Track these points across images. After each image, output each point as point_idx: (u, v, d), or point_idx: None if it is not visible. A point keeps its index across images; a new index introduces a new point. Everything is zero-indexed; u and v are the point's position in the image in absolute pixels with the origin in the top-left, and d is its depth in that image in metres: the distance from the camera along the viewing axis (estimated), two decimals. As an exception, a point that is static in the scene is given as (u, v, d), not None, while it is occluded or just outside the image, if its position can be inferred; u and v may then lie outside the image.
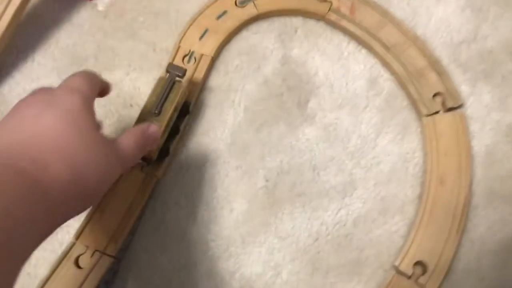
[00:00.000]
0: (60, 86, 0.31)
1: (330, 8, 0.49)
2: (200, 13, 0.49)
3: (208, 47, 0.48)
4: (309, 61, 0.49)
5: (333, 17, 0.49)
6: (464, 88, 0.47)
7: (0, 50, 0.46)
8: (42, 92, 0.31)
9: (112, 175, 0.31)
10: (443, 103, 0.46)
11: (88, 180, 0.29)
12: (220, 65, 0.48)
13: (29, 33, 0.49)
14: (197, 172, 0.45)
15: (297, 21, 0.50)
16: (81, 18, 0.50)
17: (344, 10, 0.49)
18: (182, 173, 0.45)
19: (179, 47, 0.47)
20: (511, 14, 0.50)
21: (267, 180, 0.45)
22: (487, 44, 0.49)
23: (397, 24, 0.48)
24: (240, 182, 0.45)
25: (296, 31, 0.50)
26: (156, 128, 0.37)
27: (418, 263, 0.41)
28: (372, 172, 0.45)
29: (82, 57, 0.48)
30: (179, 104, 0.42)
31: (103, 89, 0.36)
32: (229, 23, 0.49)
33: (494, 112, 0.47)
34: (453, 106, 0.46)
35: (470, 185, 0.44)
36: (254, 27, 0.50)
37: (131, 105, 0.47)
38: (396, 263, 0.41)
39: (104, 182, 0.30)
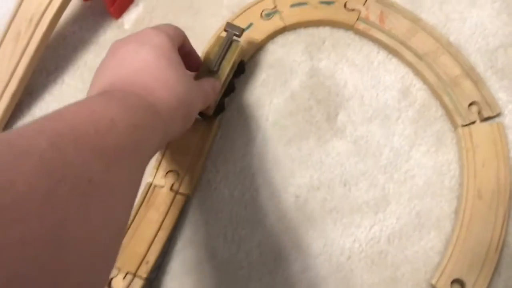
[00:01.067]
0: (146, 28, 0.36)
1: (358, 17, 0.49)
2: (226, 26, 0.49)
3: (233, 61, 0.48)
4: (337, 73, 0.48)
5: (361, 26, 0.48)
6: (501, 96, 0.46)
7: (30, 72, 0.48)
8: (133, 35, 0.36)
9: (198, 107, 0.37)
10: (480, 113, 0.45)
11: (186, 102, 0.34)
12: (247, 79, 0.49)
13: (57, 55, 0.51)
14: (226, 189, 0.45)
15: (324, 32, 0.50)
16: (108, 38, 0.51)
17: (373, 18, 0.48)
18: (211, 191, 0.45)
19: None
20: (551, 15, 0.48)
21: (297, 197, 0.45)
22: (526, 48, 0.47)
23: (429, 30, 0.47)
24: (270, 199, 0.45)
25: (323, 42, 0.49)
26: (219, 84, 0.42)
27: (455, 281, 0.41)
28: (406, 186, 0.44)
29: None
30: (235, 63, 0.44)
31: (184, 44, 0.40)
32: (255, 35, 0.49)
33: (534, 120, 0.45)
34: (490, 115, 0.45)
35: (510, 198, 0.42)
36: (280, 40, 0.50)
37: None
38: (433, 281, 0.41)
39: (198, 110, 0.37)
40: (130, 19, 0.52)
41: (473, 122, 0.45)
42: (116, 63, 0.34)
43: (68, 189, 0.21)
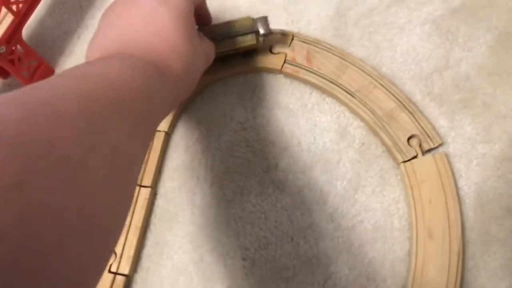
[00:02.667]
0: None
1: (285, 60, 0.47)
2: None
3: (161, 125, 0.47)
4: (272, 120, 0.47)
5: (289, 69, 0.47)
6: (442, 123, 0.45)
7: None
8: None
9: (206, 64, 0.40)
10: (420, 145, 0.44)
11: (193, 72, 0.36)
12: (179, 141, 0.47)
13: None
14: (169, 261, 0.44)
15: (254, 79, 0.48)
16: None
17: (300, 59, 0.47)
18: (152, 271, 0.44)
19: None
20: (483, 31, 0.47)
21: (244, 259, 0.43)
22: (461, 69, 0.46)
23: (359, 65, 0.46)
24: (216, 267, 0.43)
25: (254, 90, 0.48)
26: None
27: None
28: (355, 233, 0.43)
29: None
30: (241, 49, 0.45)
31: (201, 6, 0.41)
32: (182, 94, 0.47)
33: (479, 145, 0.44)
34: (431, 147, 0.43)
35: (462, 233, 0.41)
36: (209, 94, 0.48)
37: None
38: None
39: (203, 67, 0.39)
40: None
41: (415, 157, 0.43)
42: (127, 22, 0.33)
43: (98, 158, 0.22)
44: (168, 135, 0.47)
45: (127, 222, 0.44)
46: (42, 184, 0.19)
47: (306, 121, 0.47)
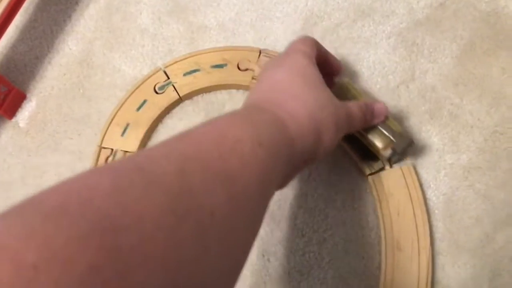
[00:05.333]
0: (284, 51, 0.39)
1: (252, 77, 0.49)
2: (119, 107, 0.49)
3: (131, 143, 0.48)
4: (241, 137, 0.48)
5: (257, 85, 0.48)
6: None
7: None
8: (273, 59, 0.40)
9: (341, 128, 0.36)
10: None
11: (322, 125, 0.34)
12: (150, 161, 0.48)
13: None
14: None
15: (222, 96, 0.50)
16: (3, 139, 0.51)
17: (268, 76, 0.48)
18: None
19: (100, 148, 0.47)
20: (448, 42, 0.48)
21: (216, 278, 0.44)
22: (428, 81, 0.47)
23: (326, 79, 0.47)
24: None
25: (224, 107, 0.49)
26: (383, 105, 0.41)
27: None
28: (326, 248, 0.44)
29: (8, 182, 0.49)
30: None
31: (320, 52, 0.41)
32: (150, 112, 0.49)
33: (447, 155, 0.45)
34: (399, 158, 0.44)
35: (431, 244, 0.42)
36: (178, 113, 0.50)
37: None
38: None
39: (335, 130, 0.35)
40: (24, 117, 0.52)
41: (382, 169, 0.44)
42: (259, 84, 0.37)
43: (190, 226, 0.21)
44: (138, 155, 0.48)
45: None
46: (121, 263, 0.18)
47: (275, 137, 0.48)
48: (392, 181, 0.44)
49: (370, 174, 0.44)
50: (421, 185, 0.44)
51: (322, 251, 0.44)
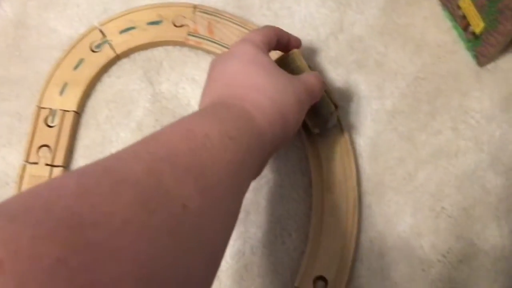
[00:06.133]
0: (235, 42, 0.39)
1: (188, 32, 0.50)
2: (56, 67, 0.50)
3: (70, 102, 0.49)
4: (180, 93, 0.50)
5: (193, 41, 0.50)
6: (339, 84, 0.49)
7: None
8: (220, 55, 0.38)
9: (303, 105, 0.37)
10: (318, 106, 0.47)
11: (284, 106, 0.34)
12: (90, 120, 0.49)
13: None
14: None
15: (159, 53, 0.51)
16: None
17: (202, 31, 0.50)
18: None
19: (39, 109, 0.48)
20: (374, -7, 0.50)
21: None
22: (355, 32, 0.50)
23: (259, 33, 0.49)
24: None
25: (161, 65, 0.51)
26: (320, 76, 0.41)
27: (318, 278, 0.43)
28: (261, 193, 0.47)
29: None
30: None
31: (287, 42, 0.43)
32: (88, 71, 0.50)
33: (373, 101, 0.48)
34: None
35: (358, 185, 0.45)
36: (116, 71, 0.51)
37: (7, 183, 0.48)
38: (296, 284, 0.43)
39: (298, 109, 0.36)
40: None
41: (313, 117, 0.47)
42: (209, 82, 0.37)
43: (162, 220, 0.22)
44: (78, 114, 0.49)
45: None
46: (89, 257, 0.18)
47: (212, 91, 0.49)
48: (322, 128, 0.47)
49: (302, 123, 0.47)
50: (348, 131, 0.47)
51: (258, 197, 0.47)
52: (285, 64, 0.43)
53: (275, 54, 0.44)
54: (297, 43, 0.44)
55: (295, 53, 0.43)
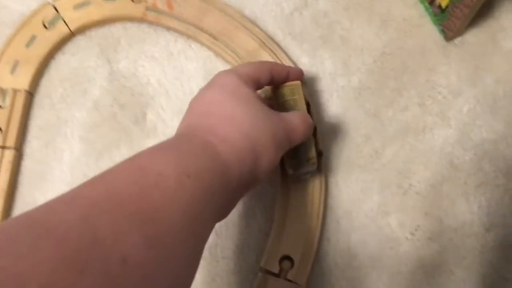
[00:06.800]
0: (219, 72, 0.36)
1: (146, 8, 0.48)
2: (7, 44, 0.47)
3: (22, 81, 0.46)
4: (138, 71, 0.48)
5: (151, 16, 0.48)
6: (304, 61, 0.47)
7: None
8: (203, 87, 0.35)
9: (280, 146, 0.34)
10: (283, 83, 0.46)
11: (259, 145, 0.31)
12: (44, 99, 0.47)
13: None
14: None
15: (117, 30, 0.49)
16: None
17: (162, 6, 0.48)
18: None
19: (-11, 88, 0.46)
20: (339, -33, 0.49)
21: (118, 211, 0.44)
22: (320, 7, 0.48)
23: (221, 8, 0.47)
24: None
25: (119, 42, 0.48)
26: (309, 117, 0.38)
27: (284, 258, 0.42)
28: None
29: None
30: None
31: (286, 76, 0.40)
32: (41, 49, 0.47)
33: (339, 78, 0.47)
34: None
35: (324, 163, 0.44)
36: (71, 48, 0.48)
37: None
38: (262, 264, 0.42)
39: (274, 150, 0.33)
40: None
41: (278, 94, 0.45)
42: (187, 110, 0.34)
43: (92, 280, 0.19)
44: (31, 94, 0.47)
45: None
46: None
47: (173, 68, 0.48)
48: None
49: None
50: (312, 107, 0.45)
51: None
52: (279, 94, 0.41)
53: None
54: (297, 75, 0.41)
55: (295, 85, 0.41)
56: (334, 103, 0.46)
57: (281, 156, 0.35)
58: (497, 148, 0.44)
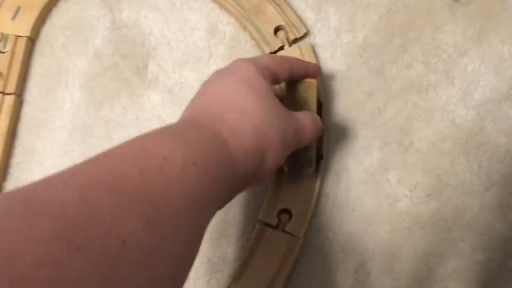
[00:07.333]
0: (237, 59, 0.35)
1: (151, -42, 0.47)
2: (9, -9, 0.46)
3: (23, 27, 0.46)
4: (141, 22, 0.47)
5: (156, -34, 0.47)
6: (309, 15, 0.47)
7: None
8: (218, 70, 0.35)
9: (288, 146, 0.33)
10: (287, 36, 0.45)
11: (267, 141, 0.31)
12: (45, 47, 0.47)
13: None
14: (39, 169, 0.44)
15: (120, -21, 0.48)
16: None
17: (166, -44, 0.47)
18: (23, 178, 0.44)
19: (-10, 34, 0.45)
20: None
21: (117, 160, 0.44)
22: (327, -39, 0.47)
23: (226, -41, 0.47)
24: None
25: (122, -11, 0.48)
26: (319, 119, 0.38)
27: (283, 211, 0.42)
28: (226, 127, 0.45)
29: None
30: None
31: (304, 73, 0.39)
32: (42, -3, 0.47)
33: (343, 34, 0.46)
34: (296, 36, 0.45)
35: (325, 118, 0.44)
36: (73, -3, 0.48)
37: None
38: (259, 217, 0.42)
39: (281, 149, 0.32)
40: None
41: (282, 48, 0.45)
42: (196, 94, 0.33)
43: (89, 259, 0.18)
44: (32, 40, 0.46)
45: (-10, 131, 0.43)
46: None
47: (176, 20, 0.47)
48: (289, 59, 0.45)
49: (270, 53, 0.45)
50: (318, 63, 0.45)
51: (222, 130, 0.45)
52: (293, 90, 0.40)
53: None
54: (315, 72, 0.40)
55: (310, 83, 0.40)
56: (338, 59, 0.46)
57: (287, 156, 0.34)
58: (501, 108, 0.44)
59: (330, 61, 0.46)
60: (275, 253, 0.41)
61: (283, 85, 0.41)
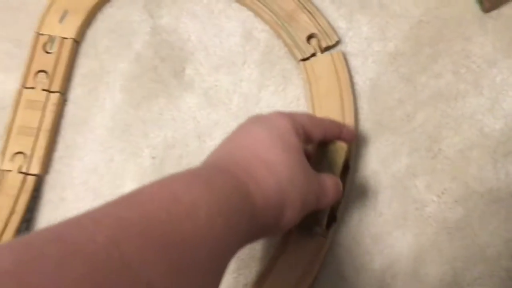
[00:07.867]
0: (275, 111, 0.36)
1: (191, -33, 0.49)
2: (58, -6, 0.49)
3: (70, 30, 0.48)
4: (180, 27, 0.49)
5: (195, -25, 0.49)
6: (341, 25, 0.48)
7: None
8: (255, 116, 0.35)
9: (307, 207, 0.33)
10: (319, 44, 0.47)
11: (288, 199, 0.31)
12: (89, 49, 0.49)
13: None
14: (79, 162, 0.46)
15: (163, -14, 0.50)
16: None
17: (206, -34, 0.49)
18: (63, 172, 0.46)
19: (38, 35, 0.48)
20: None
21: (153, 157, 0.46)
22: (359, -28, 0.49)
23: (263, -30, 0.49)
24: (126, 165, 0.46)
25: (165, -4, 0.50)
26: (341, 185, 0.37)
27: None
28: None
29: None
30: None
31: (340, 135, 0.39)
32: (89, 0, 0.49)
33: (374, 43, 0.48)
34: (329, 44, 0.47)
35: (355, 122, 0.45)
36: (117, 2, 0.50)
37: (3, 108, 0.48)
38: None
39: (300, 208, 0.32)
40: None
41: (314, 55, 0.47)
42: (227, 139, 0.34)
43: None
44: (77, 42, 0.49)
45: (35, 126, 0.46)
46: None
47: (213, 26, 0.49)
48: (322, 66, 0.46)
49: (302, 60, 0.47)
50: (349, 70, 0.47)
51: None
52: (323, 150, 0.40)
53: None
54: (349, 137, 0.40)
55: (340, 147, 0.40)
56: (369, 67, 0.47)
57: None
58: (529, 119, 0.45)
59: (361, 69, 0.47)
60: (303, 252, 0.42)
61: None
